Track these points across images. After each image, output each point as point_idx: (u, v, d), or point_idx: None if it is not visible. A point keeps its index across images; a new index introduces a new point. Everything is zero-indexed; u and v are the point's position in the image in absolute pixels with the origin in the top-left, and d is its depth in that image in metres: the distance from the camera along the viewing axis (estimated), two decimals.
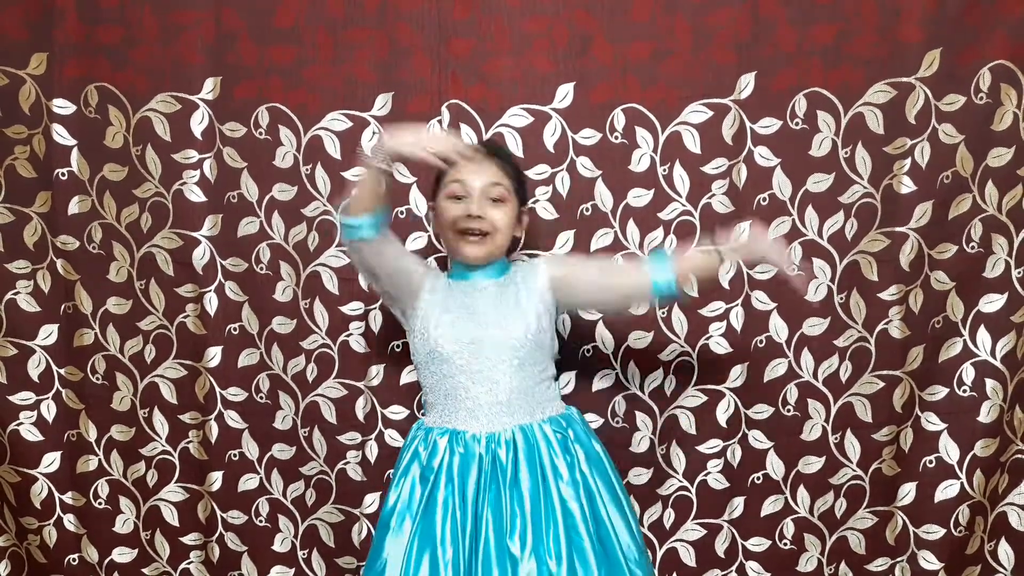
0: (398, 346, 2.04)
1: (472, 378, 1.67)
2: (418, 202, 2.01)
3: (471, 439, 1.66)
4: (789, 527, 2.07)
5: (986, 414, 1.96)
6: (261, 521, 2.14)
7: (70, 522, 2.16)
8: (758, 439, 2.04)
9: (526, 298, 1.71)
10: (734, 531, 2.06)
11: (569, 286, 1.74)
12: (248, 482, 2.13)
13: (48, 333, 2.11)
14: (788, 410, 2.03)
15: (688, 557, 2.08)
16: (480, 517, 1.61)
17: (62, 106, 2.02)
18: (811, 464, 2.05)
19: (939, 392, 1.98)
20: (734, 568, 2.08)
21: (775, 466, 2.05)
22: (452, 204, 1.69)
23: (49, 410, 2.13)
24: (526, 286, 1.72)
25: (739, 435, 2.03)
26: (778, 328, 2.00)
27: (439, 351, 1.68)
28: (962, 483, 1.98)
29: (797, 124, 1.94)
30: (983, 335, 1.95)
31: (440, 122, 1.98)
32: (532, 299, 1.71)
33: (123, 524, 2.19)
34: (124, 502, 2.18)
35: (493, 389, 1.67)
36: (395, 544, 1.63)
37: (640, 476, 2.07)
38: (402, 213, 2.01)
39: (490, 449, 1.65)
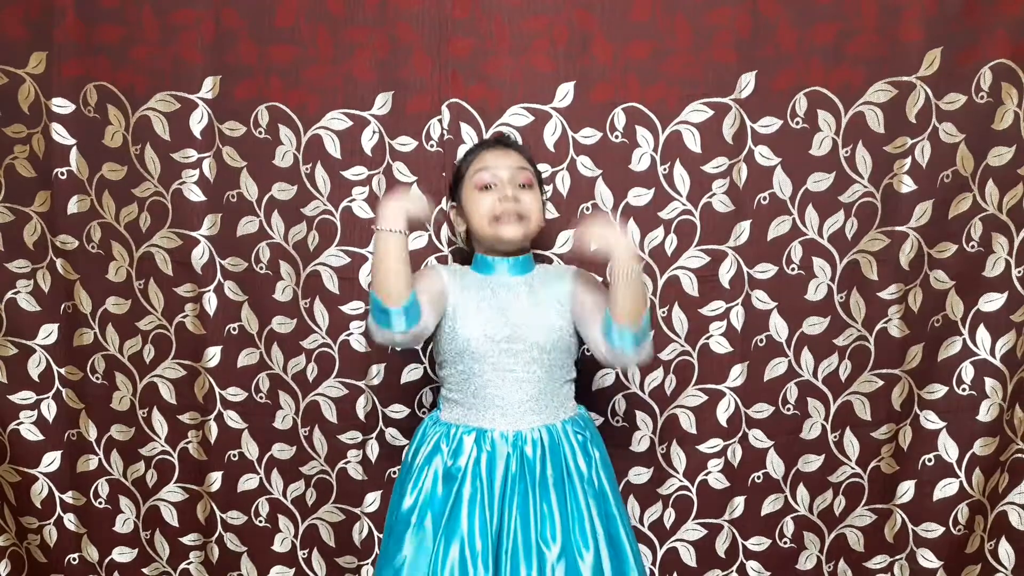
0: (398, 346, 2.04)
1: (503, 376, 1.67)
2: None
3: (499, 437, 1.66)
4: (789, 525, 2.07)
5: (985, 413, 1.96)
6: (261, 521, 2.14)
7: (70, 521, 2.17)
8: (758, 438, 2.04)
9: (554, 300, 1.72)
10: (734, 531, 2.07)
11: (576, 305, 1.71)
12: (248, 482, 2.13)
13: (48, 333, 2.11)
14: (788, 409, 2.03)
15: (689, 557, 2.09)
16: (506, 513, 1.61)
17: (61, 105, 2.01)
18: (810, 463, 2.05)
19: (938, 391, 1.99)
20: (735, 568, 2.08)
21: (775, 465, 2.05)
22: (483, 195, 1.70)
23: (49, 409, 2.13)
24: (553, 289, 1.73)
25: (739, 434, 2.03)
26: (778, 327, 2.01)
27: (471, 349, 1.67)
28: (961, 482, 1.99)
29: (797, 123, 1.94)
30: (983, 334, 1.95)
31: (440, 121, 1.97)
32: (558, 302, 1.72)
33: (123, 524, 2.19)
34: (124, 502, 2.18)
35: (523, 387, 1.67)
36: (418, 540, 1.63)
37: (640, 476, 2.07)
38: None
39: (517, 447, 1.65)
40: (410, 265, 1.54)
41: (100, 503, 2.18)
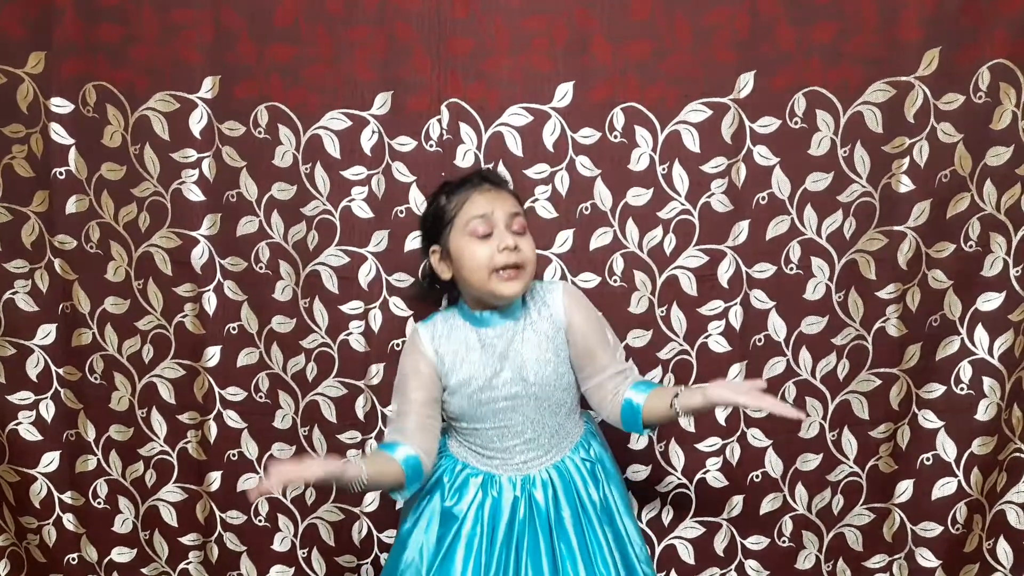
0: (398, 345, 2.03)
1: (504, 432, 1.64)
2: (417, 201, 2.00)
3: (506, 482, 1.63)
4: (787, 524, 2.08)
5: (983, 412, 1.97)
6: (260, 521, 2.14)
7: (69, 521, 2.16)
8: (757, 437, 2.04)
9: (545, 333, 1.66)
10: (733, 529, 2.07)
11: (573, 338, 1.67)
12: (247, 482, 2.12)
13: (46, 333, 2.10)
14: None
15: (687, 554, 2.09)
16: (512, 560, 1.58)
17: (60, 105, 2.01)
18: (809, 461, 2.05)
19: (936, 390, 2.00)
20: (733, 567, 2.08)
21: (773, 464, 2.05)
22: (479, 244, 1.59)
23: (48, 410, 2.12)
24: (543, 318, 1.67)
25: (738, 433, 2.04)
26: (776, 327, 2.01)
27: (467, 413, 1.64)
28: (959, 481, 2.00)
29: (796, 123, 1.94)
30: (981, 333, 1.96)
31: (440, 121, 1.98)
32: (551, 333, 1.67)
33: (122, 524, 2.19)
34: (123, 502, 2.18)
35: (528, 438, 1.64)
36: (410, 565, 1.63)
37: (638, 473, 2.08)
38: (402, 212, 2.01)
39: (525, 490, 1.62)
40: (384, 474, 1.58)
41: (99, 503, 2.17)
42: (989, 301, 1.95)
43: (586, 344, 1.68)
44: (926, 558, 2.03)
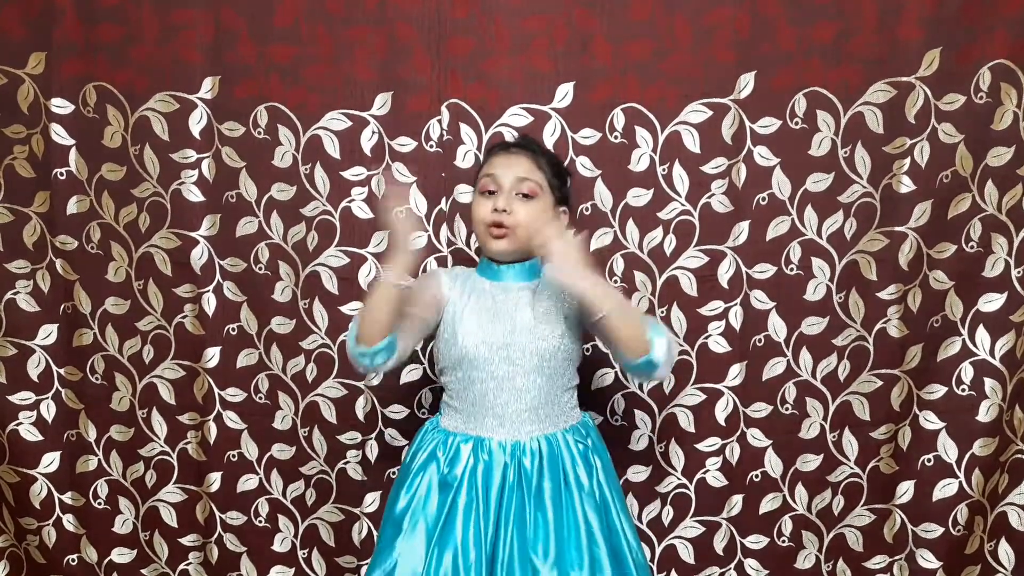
0: None
1: (501, 384, 1.64)
2: (418, 202, 2.00)
3: (496, 447, 1.63)
4: (787, 524, 2.08)
5: (985, 413, 1.97)
6: (260, 521, 2.14)
7: (69, 522, 2.17)
8: (756, 437, 2.04)
9: (558, 302, 1.67)
10: (732, 528, 2.07)
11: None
12: (247, 482, 2.13)
13: (48, 333, 2.11)
14: (787, 408, 2.03)
15: (687, 554, 2.09)
16: (502, 524, 1.59)
17: (60, 105, 2.01)
18: (809, 462, 2.05)
19: (938, 391, 1.99)
20: (732, 566, 2.08)
21: (773, 464, 2.05)
22: (482, 200, 1.67)
23: (49, 410, 2.13)
24: (558, 294, 1.68)
25: (738, 433, 2.04)
26: (777, 327, 2.01)
27: (470, 357, 1.64)
28: (960, 482, 1.99)
29: (797, 123, 1.94)
30: (982, 334, 1.96)
31: (440, 121, 1.97)
32: (563, 304, 1.68)
33: (122, 524, 2.19)
34: (123, 502, 2.19)
35: (522, 397, 1.64)
36: (407, 545, 1.61)
37: (639, 473, 2.08)
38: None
39: (515, 457, 1.62)
40: (397, 315, 1.58)
41: (99, 504, 2.18)
42: (990, 302, 1.95)
43: None
44: (927, 559, 2.03)
